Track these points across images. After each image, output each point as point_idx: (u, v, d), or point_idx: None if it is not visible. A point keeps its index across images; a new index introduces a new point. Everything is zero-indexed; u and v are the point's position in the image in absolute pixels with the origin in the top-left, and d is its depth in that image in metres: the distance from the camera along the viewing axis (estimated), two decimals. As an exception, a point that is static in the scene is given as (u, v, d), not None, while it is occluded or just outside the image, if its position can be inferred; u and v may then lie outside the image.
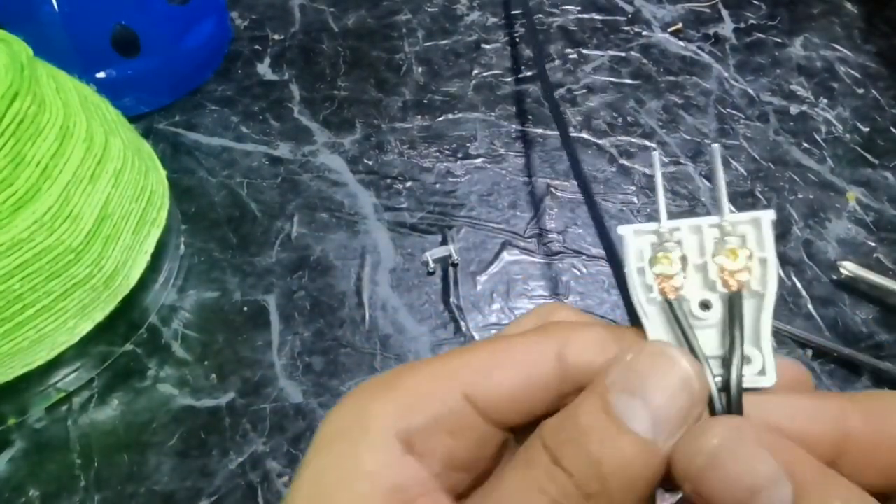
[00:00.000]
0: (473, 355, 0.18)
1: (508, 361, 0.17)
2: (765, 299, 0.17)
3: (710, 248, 0.18)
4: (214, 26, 0.51)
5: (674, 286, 0.18)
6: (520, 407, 0.17)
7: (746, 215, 0.17)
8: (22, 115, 0.31)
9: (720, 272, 0.17)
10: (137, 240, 0.37)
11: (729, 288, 0.17)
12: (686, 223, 0.18)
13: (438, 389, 0.17)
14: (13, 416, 0.35)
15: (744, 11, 0.60)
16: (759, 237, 0.17)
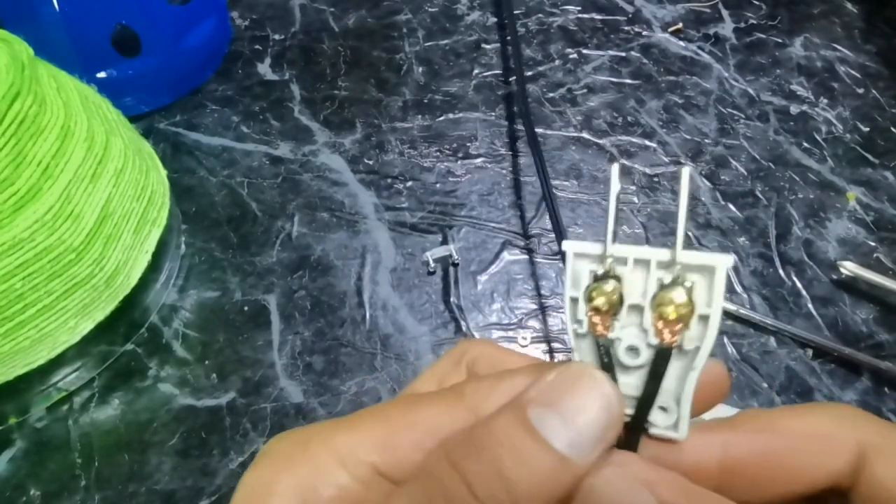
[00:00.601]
0: (380, 423, 0.17)
1: (415, 429, 0.17)
2: (696, 358, 0.16)
3: (651, 291, 0.16)
4: (215, 26, 0.51)
5: (604, 326, 0.17)
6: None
7: (701, 258, 0.16)
8: (23, 114, 0.31)
9: (655, 320, 0.16)
10: (138, 239, 0.37)
11: (661, 340, 0.16)
12: (634, 254, 0.16)
13: (349, 461, 0.17)
14: (14, 416, 0.35)
15: (744, 11, 0.60)
16: (708, 289, 0.16)
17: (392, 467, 0.17)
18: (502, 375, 0.18)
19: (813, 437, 0.16)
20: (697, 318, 0.16)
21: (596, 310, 0.16)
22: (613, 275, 0.16)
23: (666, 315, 0.16)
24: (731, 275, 0.43)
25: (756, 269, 0.43)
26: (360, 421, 0.18)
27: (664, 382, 0.16)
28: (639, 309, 0.16)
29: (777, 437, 0.17)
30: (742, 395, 0.38)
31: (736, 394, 0.38)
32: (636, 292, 0.16)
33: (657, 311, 0.16)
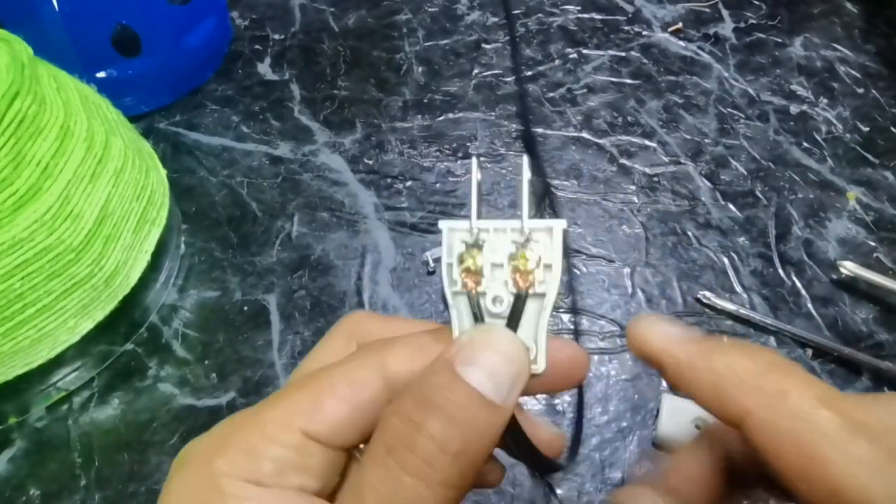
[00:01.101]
0: (302, 394, 0.19)
1: (337, 391, 0.19)
2: (545, 300, 0.20)
3: (508, 251, 0.20)
4: (215, 26, 0.51)
5: (474, 283, 0.20)
6: (358, 428, 0.19)
7: (542, 223, 0.21)
8: (23, 114, 0.31)
9: (512, 273, 0.20)
10: (138, 239, 0.37)
11: (518, 288, 0.20)
12: (493, 225, 0.20)
13: (277, 434, 0.18)
14: (14, 415, 0.35)
15: (744, 11, 0.60)
16: (550, 244, 0.20)
17: (322, 429, 0.18)
18: (404, 337, 0.21)
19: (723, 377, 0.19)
20: (543, 267, 0.20)
21: (467, 270, 0.20)
22: (479, 242, 0.20)
23: (519, 267, 0.20)
24: (730, 274, 0.43)
25: (756, 268, 0.43)
26: (279, 398, 0.19)
27: (524, 323, 0.20)
28: (500, 266, 0.20)
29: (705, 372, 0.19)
30: (742, 395, 0.37)
31: (736, 394, 0.38)
32: (497, 253, 0.20)
33: (512, 265, 0.20)
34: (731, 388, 0.18)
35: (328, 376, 0.19)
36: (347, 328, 0.22)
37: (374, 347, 0.20)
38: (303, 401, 0.19)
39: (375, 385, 0.19)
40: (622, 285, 0.42)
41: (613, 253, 0.44)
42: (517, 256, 0.20)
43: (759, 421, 0.17)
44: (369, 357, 0.20)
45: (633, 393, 0.38)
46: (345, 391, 0.19)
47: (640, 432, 0.36)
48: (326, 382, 0.19)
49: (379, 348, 0.20)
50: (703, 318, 0.41)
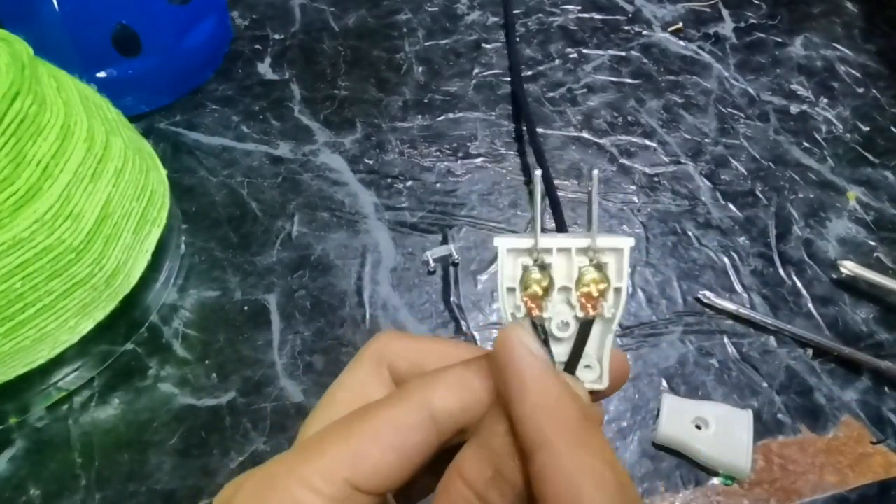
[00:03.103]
0: (346, 442, 0.18)
1: (383, 437, 0.18)
2: (613, 322, 0.20)
3: (574, 275, 0.20)
4: (215, 26, 0.51)
5: (539, 308, 0.19)
6: (404, 472, 0.19)
7: (610, 242, 0.19)
8: (23, 114, 0.31)
9: (580, 297, 0.19)
10: (138, 239, 0.37)
11: (586, 313, 0.19)
12: (557, 244, 0.19)
13: (322, 487, 0.18)
14: (14, 415, 0.35)
15: (744, 11, 0.60)
16: (618, 267, 0.19)
17: (366, 478, 0.18)
18: (445, 374, 0.20)
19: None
20: (612, 290, 0.19)
21: (532, 296, 0.19)
22: (541, 264, 0.20)
23: (588, 293, 0.19)
24: (730, 274, 0.43)
25: (756, 268, 0.43)
26: (322, 443, 0.19)
27: (589, 348, 0.20)
28: (566, 289, 0.20)
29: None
30: (742, 395, 0.38)
31: (736, 394, 0.38)
32: (562, 276, 0.20)
33: (580, 291, 0.19)
34: (553, 419, 0.17)
35: (372, 420, 0.19)
36: (375, 351, 0.22)
37: (417, 386, 0.20)
38: (347, 450, 0.18)
39: (423, 430, 0.19)
40: (622, 285, 0.42)
41: (613, 253, 0.43)
42: (585, 281, 0.19)
43: (551, 460, 0.17)
44: (413, 398, 0.19)
45: (633, 393, 0.38)
46: (391, 437, 0.18)
47: (640, 432, 0.36)
48: (371, 428, 0.19)
49: (422, 387, 0.19)
50: (704, 318, 0.41)
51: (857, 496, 0.34)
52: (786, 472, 0.35)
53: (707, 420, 0.35)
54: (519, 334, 0.19)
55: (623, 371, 0.21)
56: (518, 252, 0.20)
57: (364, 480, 0.18)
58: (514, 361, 0.18)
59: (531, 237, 0.19)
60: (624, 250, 0.19)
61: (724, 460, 0.34)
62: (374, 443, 0.18)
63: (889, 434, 0.36)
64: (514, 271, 0.20)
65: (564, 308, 0.20)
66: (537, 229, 0.19)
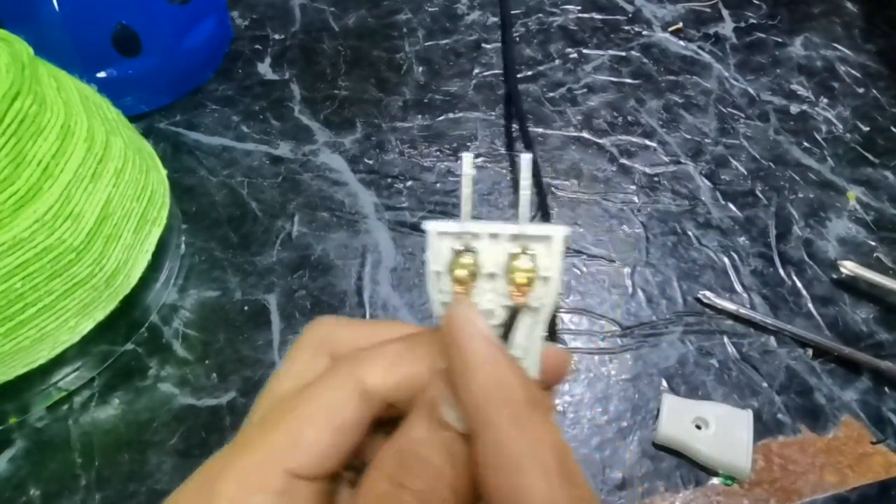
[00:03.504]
0: (279, 431, 0.18)
1: (315, 420, 0.18)
2: (541, 313, 0.19)
3: (502, 261, 0.19)
4: (215, 26, 0.51)
5: (467, 293, 0.19)
6: (343, 451, 0.18)
7: (541, 230, 0.19)
8: (23, 114, 0.31)
9: (508, 285, 0.19)
10: (138, 239, 0.37)
11: (513, 300, 0.19)
12: (487, 229, 0.19)
13: (260, 482, 0.17)
14: (14, 415, 0.35)
15: (744, 11, 0.60)
16: (548, 255, 0.19)
17: (305, 465, 0.18)
18: (377, 349, 0.19)
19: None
20: (541, 280, 0.19)
21: (458, 280, 0.19)
22: (470, 249, 0.19)
23: (516, 280, 0.19)
24: (730, 274, 0.43)
25: (756, 268, 0.43)
26: (255, 438, 0.18)
27: (517, 338, 0.19)
28: (493, 276, 0.19)
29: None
30: (742, 395, 0.38)
31: (736, 393, 0.38)
32: (491, 262, 0.19)
33: (508, 277, 0.19)
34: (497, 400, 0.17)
35: (303, 404, 0.18)
36: (315, 338, 0.21)
37: (347, 363, 0.19)
38: (281, 438, 0.18)
39: (354, 406, 0.18)
40: (622, 285, 0.42)
41: (614, 253, 0.44)
42: (513, 268, 0.19)
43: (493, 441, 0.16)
44: (343, 375, 0.19)
45: (633, 393, 0.38)
46: (323, 419, 0.18)
47: (640, 432, 0.36)
48: (302, 413, 0.18)
49: (352, 364, 0.19)
50: (704, 318, 0.41)
51: (857, 496, 0.34)
52: (786, 472, 0.35)
53: (707, 420, 0.35)
54: (467, 313, 0.18)
55: (561, 366, 0.20)
56: (448, 235, 0.19)
57: (303, 467, 0.17)
58: (461, 340, 0.18)
59: (461, 221, 0.19)
60: (554, 238, 0.19)
61: (724, 460, 0.34)
62: (307, 426, 0.18)
63: (889, 434, 0.36)
64: (444, 256, 0.19)
65: (493, 296, 0.19)
66: (465, 213, 0.19)
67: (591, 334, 0.40)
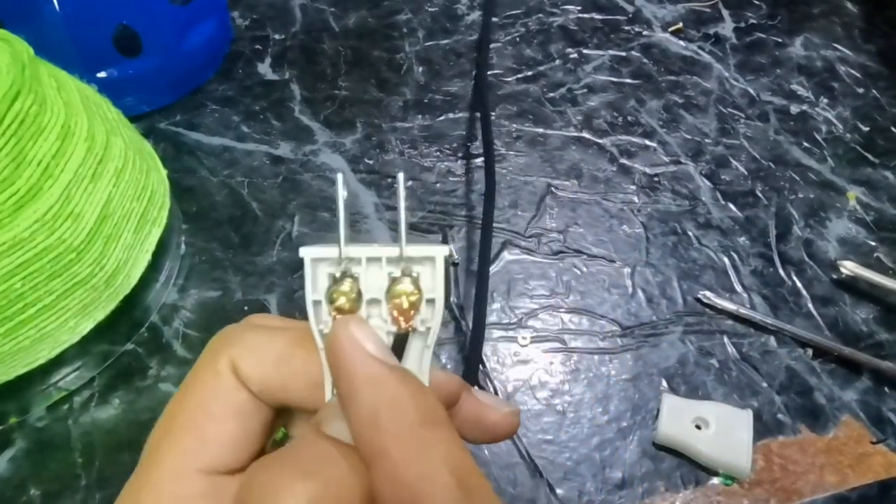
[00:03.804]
0: (181, 435, 0.17)
1: (213, 414, 0.17)
2: (429, 337, 0.18)
3: (385, 286, 0.18)
4: (215, 26, 0.51)
5: None
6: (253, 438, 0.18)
7: (422, 251, 0.18)
8: (23, 114, 0.31)
9: (391, 310, 0.18)
10: (138, 239, 0.37)
11: (398, 327, 0.18)
12: (366, 253, 0.18)
13: (178, 489, 0.17)
14: (14, 415, 0.36)
15: (744, 11, 0.60)
16: (432, 276, 0.18)
17: (218, 458, 0.17)
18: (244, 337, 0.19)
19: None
20: (426, 302, 0.18)
21: (339, 309, 0.18)
22: (350, 274, 0.18)
23: (399, 305, 0.18)
24: (731, 274, 0.43)
25: (756, 268, 0.43)
26: (159, 447, 0.17)
27: (407, 362, 0.18)
28: (377, 301, 0.18)
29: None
30: (742, 395, 0.38)
31: (736, 394, 0.38)
32: (373, 287, 0.18)
33: (392, 303, 0.18)
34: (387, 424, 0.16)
35: (191, 398, 0.18)
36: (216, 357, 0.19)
37: (215, 344, 0.19)
38: (186, 440, 0.17)
39: (243, 392, 0.18)
40: (622, 285, 0.42)
41: (614, 253, 0.44)
42: (396, 293, 0.18)
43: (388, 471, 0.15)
44: (213, 359, 0.18)
45: (633, 393, 0.38)
46: (219, 408, 0.17)
47: (640, 432, 0.36)
48: (195, 407, 0.18)
49: (225, 346, 0.18)
50: (704, 318, 0.41)
51: (857, 496, 0.34)
52: (786, 472, 0.35)
53: (707, 420, 0.35)
54: (350, 332, 0.17)
55: (454, 391, 0.19)
56: (325, 262, 0.18)
57: (217, 462, 0.17)
58: (342, 361, 0.17)
59: (337, 247, 0.18)
60: (437, 259, 0.18)
61: (724, 460, 0.34)
62: (208, 420, 0.17)
63: (889, 434, 0.36)
64: (322, 283, 0.18)
65: (377, 322, 0.18)
66: (341, 238, 0.18)
67: (591, 334, 0.40)
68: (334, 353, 0.17)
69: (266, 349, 0.18)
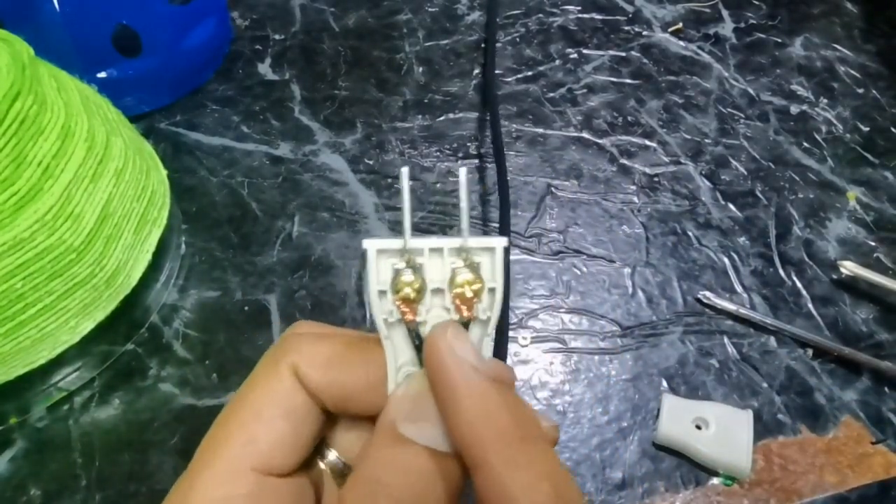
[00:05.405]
0: (232, 437, 0.18)
1: (264, 415, 0.18)
2: (489, 325, 0.19)
3: (447, 275, 0.19)
4: (215, 26, 0.51)
5: (412, 312, 0.19)
6: (300, 439, 0.18)
7: (482, 242, 0.19)
8: (23, 114, 0.31)
9: (454, 299, 0.19)
10: (139, 239, 0.37)
11: (461, 315, 0.19)
12: (428, 244, 0.19)
13: (233, 487, 0.17)
14: (15, 416, 0.36)
15: (744, 11, 0.60)
16: (491, 266, 0.19)
17: (271, 458, 0.17)
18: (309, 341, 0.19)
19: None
20: (487, 291, 0.19)
21: (404, 299, 0.18)
22: (412, 265, 0.19)
23: (462, 294, 0.18)
24: (730, 274, 0.43)
25: (756, 268, 0.43)
26: (212, 446, 0.18)
27: None
28: (439, 291, 0.19)
29: None
30: (742, 395, 0.38)
31: (736, 394, 0.38)
32: (435, 278, 0.19)
33: (454, 292, 0.19)
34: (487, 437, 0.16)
35: (246, 401, 0.18)
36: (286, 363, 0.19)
37: (281, 350, 0.19)
38: (237, 440, 0.18)
39: (297, 391, 0.18)
40: (622, 285, 0.42)
41: (614, 253, 0.44)
42: (459, 283, 0.18)
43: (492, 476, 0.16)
44: (275, 363, 0.18)
45: (633, 393, 0.38)
46: (271, 410, 0.18)
47: (640, 432, 0.36)
48: (249, 409, 0.18)
49: (286, 351, 0.19)
50: (704, 318, 0.41)
51: (857, 496, 0.34)
52: (786, 472, 0.35)
53: (707, 420, 0.35)
54: (448, 339, 0.18)
55: (508, 381, 0.20)
56: (388, 253, 0.19)
57: (267, 462, 0.17)
58: (445, 373, 0.17)
59: (401, 238, 0.19)
60: (496, 250, 0.19)
61: (724, 460, 0.34)
62: (259, 421, 0.18)
63: (889, 434, 0.36)
64: (385, 274, 0.19)
65: (440, 312, 0.19)
66: (407, 229, 0.19)
67: (591, 334, 0.40)
68: (434, 361, 0.18)
69: (324, 352, 0.19)
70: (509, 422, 0.17)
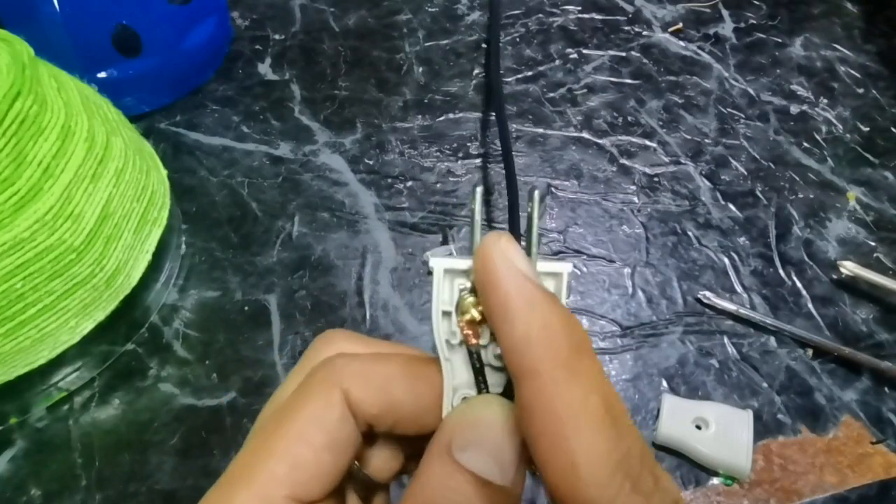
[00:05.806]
0: (274, 457, 0.17)
1: (309, 439, 0.17)
2: None
3: None
4: (215, 26, 0.51)
5: (475, 335, 0.18)
6: (340, 466, 0.18)
7: (550, 267, 0.18)
8: (24, 114, 0.31)
9: None
10: (139, 239, 0.37)
11: None
12: None
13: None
14: (15, 416, 0.36)
15: (744, 11, 0.60)
16: (557, 291, 0.18)
17: (307, 488, 0.17)
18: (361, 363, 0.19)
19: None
20: None
21: (469, 322, 0.18)
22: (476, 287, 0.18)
23: None
24: (731, 274, 0.43)
25: (756, 268, 0.43)
26: (251, 464, 0.17)
27: None
28: None
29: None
30: (742, 395, 0.38)
31: (736, 394, 0.38)
32: None
33: None
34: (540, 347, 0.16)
35: (292, 424, 0.18)
36: (328, 375, 0.19)
37: (330, 371, 0.18)
38: (278, 465, 0.17)
39: (345, 419, 0.18)
40: (622, 285, 0.42)
41: (614, 253, 0.44)
42: None
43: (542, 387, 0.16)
44: (327, 385, 0.18)
45: (633, 393, 0.38)
46: (318, 437, 0.17)
47: (640, 432, 0.36)
48: (294, 434, 0.17)
49: (335, 373, 0.18)
50: (704, 318, 0.41)
51: (857, 496, 0.34)
52: (786, 472, 0.35)
53: (707, 420, 0.35)
54: (502, 248, 0.17)
55: None
56: (455, 273, 0.18)
57: (305, 491, 0.17)
58: (498, 281, 0.17)
59: (469, 258, 0.18)
60: (563, 275, 0.18)
61: (724, 460, 0.34)
62: (305, 448, 0.17)
63: (889, 434, 0.36)
64: (450, 294, 0.18)
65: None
66: (475, 249, 0.18)
67: (591, 334, 0.40)
68: (486, 267, 0.17)
69: (381, 374, 0.18)
70: (562, 333, 0.16)
